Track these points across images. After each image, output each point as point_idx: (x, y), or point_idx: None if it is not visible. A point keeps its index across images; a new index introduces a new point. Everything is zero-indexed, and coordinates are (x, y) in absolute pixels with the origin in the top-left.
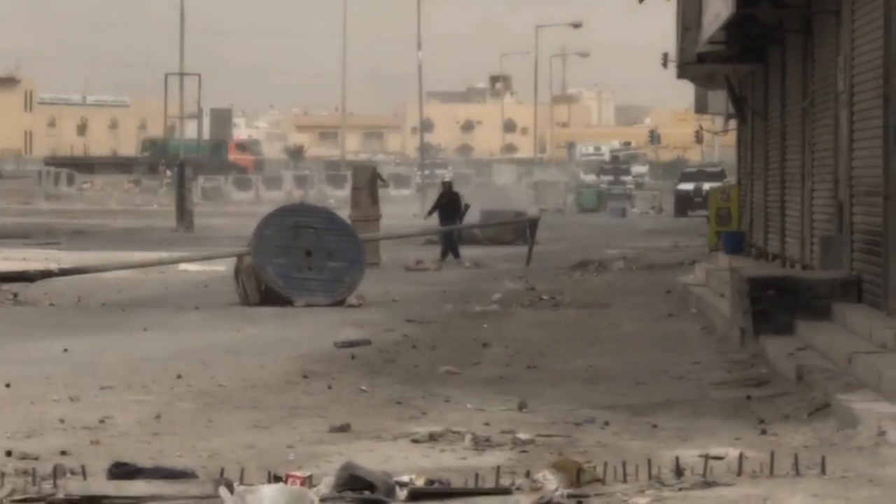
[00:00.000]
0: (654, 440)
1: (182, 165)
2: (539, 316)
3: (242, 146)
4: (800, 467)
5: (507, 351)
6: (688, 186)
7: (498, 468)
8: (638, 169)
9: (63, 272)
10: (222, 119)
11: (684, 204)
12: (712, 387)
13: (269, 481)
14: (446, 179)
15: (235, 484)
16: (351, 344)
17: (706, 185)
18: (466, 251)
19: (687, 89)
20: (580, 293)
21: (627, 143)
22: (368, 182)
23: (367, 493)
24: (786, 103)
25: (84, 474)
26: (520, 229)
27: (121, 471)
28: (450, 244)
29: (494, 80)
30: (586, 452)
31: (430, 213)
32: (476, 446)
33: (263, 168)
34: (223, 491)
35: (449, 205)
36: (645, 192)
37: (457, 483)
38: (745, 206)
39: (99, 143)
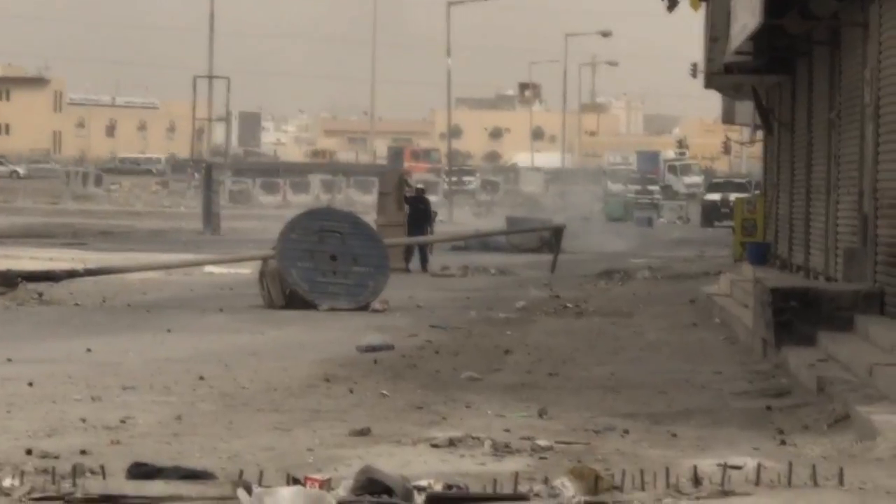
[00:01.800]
0: (673, 449)
1: (209, 168)
2: (563, 324)
3: (417, 155)
4: (818, 478)
5: (530, 358)
6: (714, 197)
7: (516, 474)
8: (692, 179)
9: (88, 272)
10: (251, 123)
11: (711, 214)
12: (733, 397)
13: (288, 484)
14: (419, 185)
15: (254, 486)
16: (374, 349)
17: (733, 196)
18: (493, 258)
19: (715, 100)
20: (604, 302)
21: (682, 152)
22: (395, 187)
23: (384, 497)
24: (812, 115)
25: (103, 474)
26: (545, 237)
27: (140, 471)
28: (419, 251)
29: (523, 87)
30: (605, 460)
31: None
32: (495, 452)
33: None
34: (241, 493)
35: (418, 213)
36: (671, 203)
37: (475, 488)
38: (770, 218)
39: (128, 145)
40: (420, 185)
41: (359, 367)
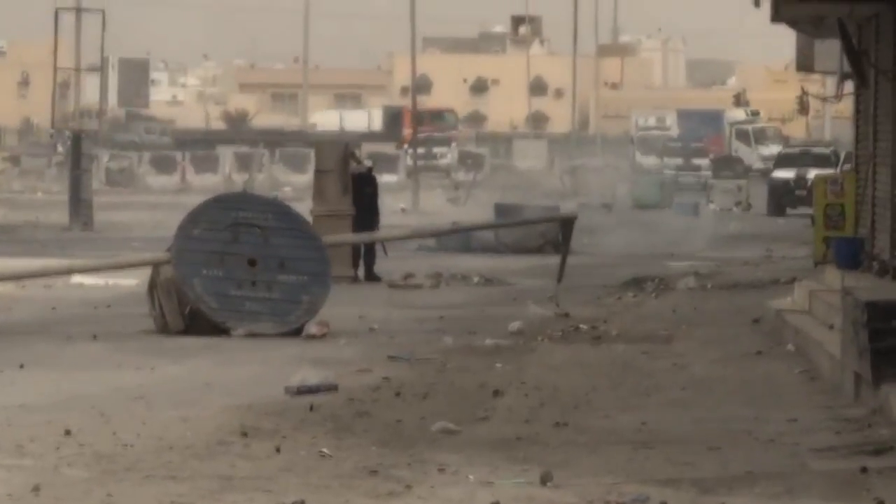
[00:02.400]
0: None
1: (78, 138)
2: (574, 353)
3: (422, 117)
4: None
5: (528, 401)
6: (786, 174)
7: None
8: (771, 149)
9: None
10: (136, 73)
11: (781, 198)
12: (813, 454)
13: None
14: (370, 163)
15: None
16: (309, 390)
17: (811, 173)
18: (476, 261)
19: (787, 38)
20: (632, 322)
21: (755, 113)
22: (338, 165)
23: None
24: None
25: None
26: (550, 232)
27: None
28: (365, 253)
29: (517, 22)
30: None
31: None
32: None
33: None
34: None
35: (363, 199)
36: (726, 183)
37: None
38: (864, 203)
39: None
40: (367, 161)
41: (289, 415)
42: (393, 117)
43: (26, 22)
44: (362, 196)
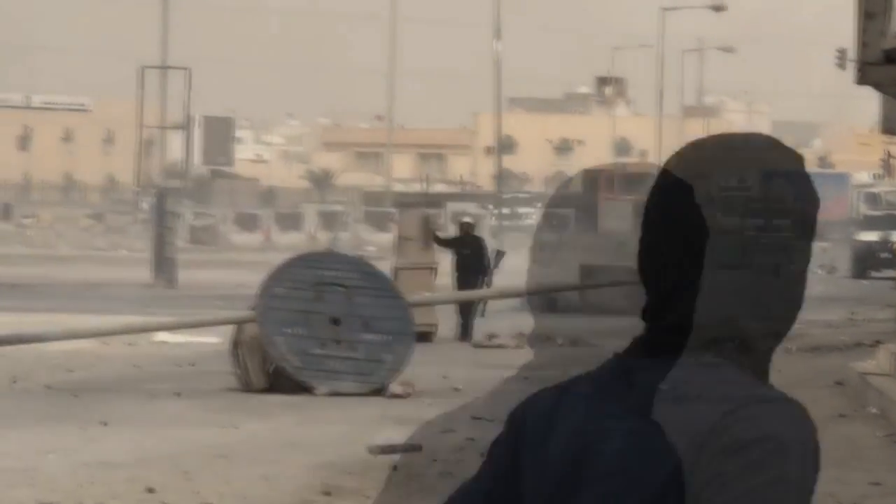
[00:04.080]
0: None
1: (162, 195)
2: None
3: (615, 182)
4: None
5: None
6: (871, 236)
7: None
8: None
9: None
10: (220, 131)
11: (865, 260)
12: None
13: None
14: (469, 219)
15: None
16: (393, 450)
17: (895, 235)
18: (561, 321)
19: (872, 100)
20: None
21: (880, 176)
22: (420, 232)
23: None
24: None
25: None
26: (635, 294)
27: None
28: (468, 315)
29: (602, 83)
30: None
31: (442, 243)
32: None
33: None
34: None
35: (470, 256)
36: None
37: None
38: None
39: (48, 162)
40: (468, 219)
41: (371, 475)
42: (591, 181)
43: (111, 80)
44: (463, 256)
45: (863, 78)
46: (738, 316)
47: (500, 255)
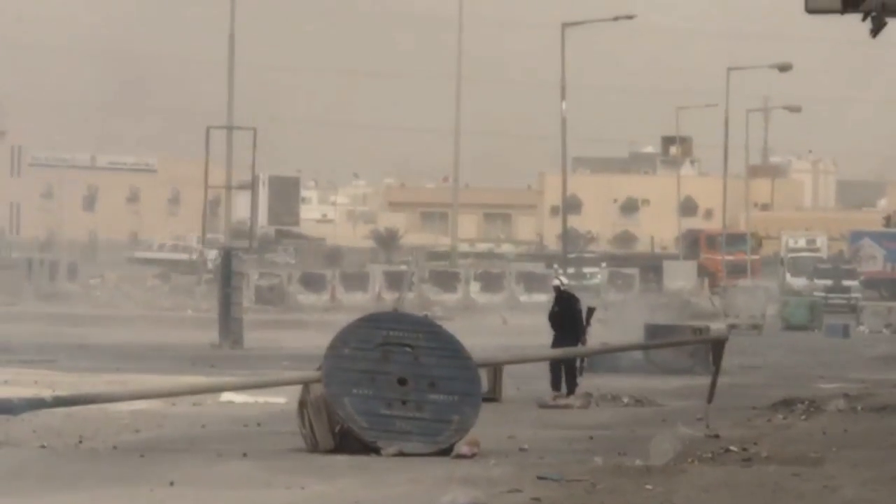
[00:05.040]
0: None
1: (228, 255)
2: (724, 475)
3: (718, 241)
4: None
5: None
6: None
7: None
8: None
9: (59, 402)
10: (286, 190)
11: None
12: None
13: None
14: (557, 282)
15: None
16: None
17: None
18: (625, 381)
19: None
20: (782, 443)
21: None
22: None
23: None
24: None
25: None
26: (700, 353)
27: None
28: (566, 371)
29: (668, 142)
30: None
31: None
32: None
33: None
34: None
35: (563, 315)
36: (877, 305)
37: None
38: None
39: (114, 222)
40: (556, 282)
41: None
42: (691, 242)
43: (177, 140)
44: (557, 315)
45: None
46: None
47: (591, 311)
